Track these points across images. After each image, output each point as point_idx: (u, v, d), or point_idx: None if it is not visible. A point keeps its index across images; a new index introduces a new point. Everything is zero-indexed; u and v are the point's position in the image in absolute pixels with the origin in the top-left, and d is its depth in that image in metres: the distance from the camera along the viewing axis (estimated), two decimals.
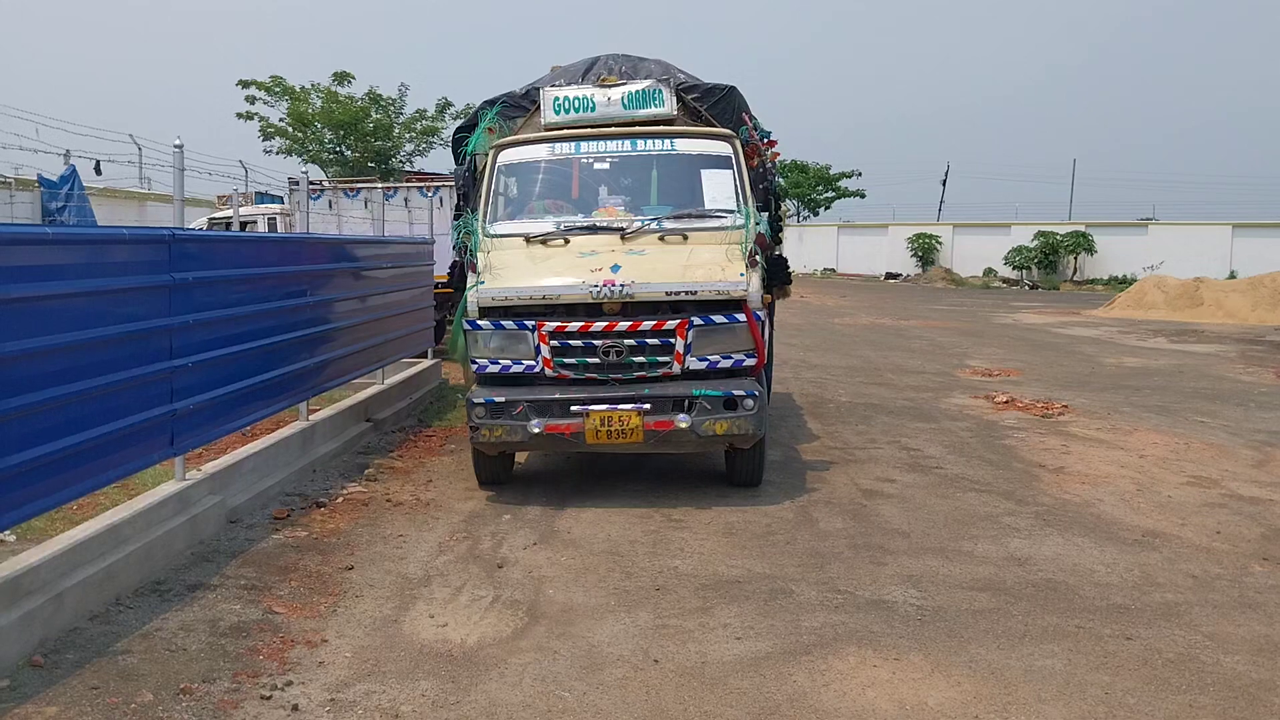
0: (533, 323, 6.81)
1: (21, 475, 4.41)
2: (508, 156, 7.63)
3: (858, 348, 17.35)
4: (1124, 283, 35.95)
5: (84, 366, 4.88)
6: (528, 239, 7.22)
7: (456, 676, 4.35)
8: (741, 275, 6.84)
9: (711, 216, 7.30)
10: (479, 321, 6.95)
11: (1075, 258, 41.84)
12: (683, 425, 6.63)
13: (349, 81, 32.85)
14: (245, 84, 32.31)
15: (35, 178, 21.71)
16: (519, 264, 7.06)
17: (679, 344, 6.75)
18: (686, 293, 6.77)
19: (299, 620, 4.93)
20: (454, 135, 8.48)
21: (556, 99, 7.74)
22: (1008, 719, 3.99)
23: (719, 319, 6.80)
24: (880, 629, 4.88)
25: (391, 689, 4.22)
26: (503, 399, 6.75)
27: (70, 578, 4.74)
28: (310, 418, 8.12)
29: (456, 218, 7.85)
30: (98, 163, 25.53)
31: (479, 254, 7.17)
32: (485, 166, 7.69)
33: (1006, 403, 11.40)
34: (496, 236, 7.29)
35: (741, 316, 6.81)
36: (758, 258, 7.07)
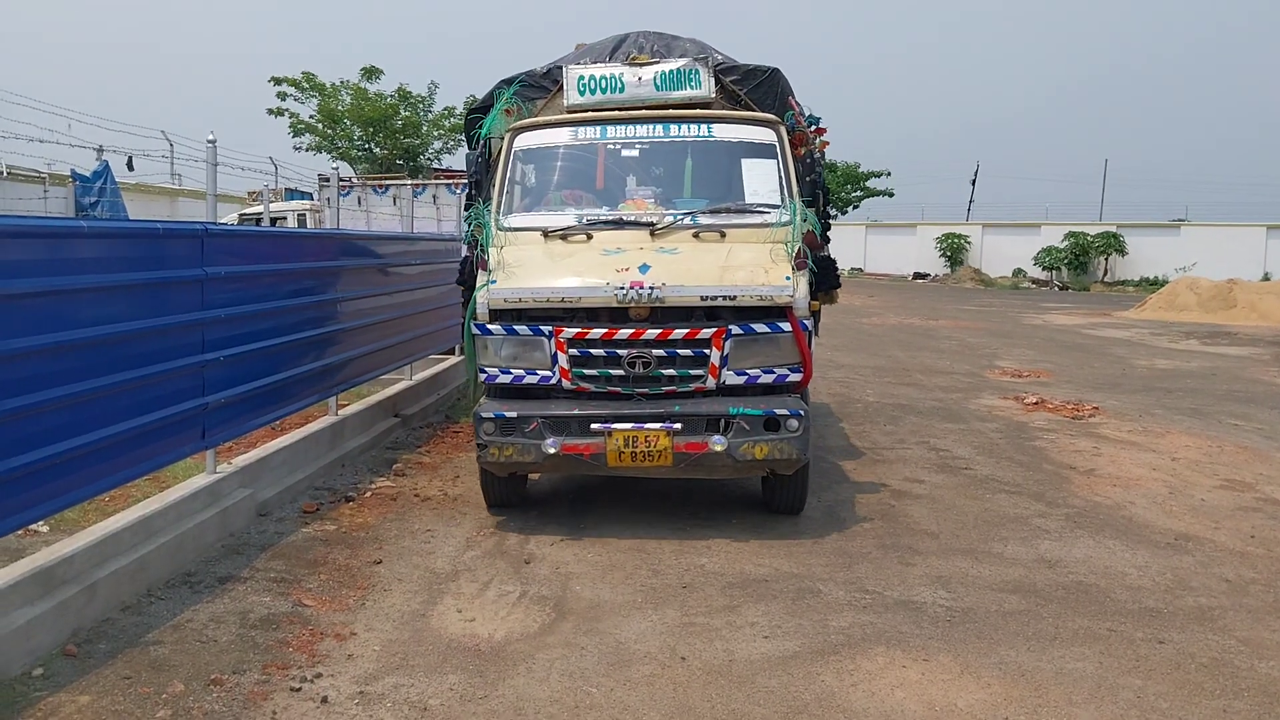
0: (550, 328, 6.10)
1: (56, 467, 4.46)
2: (526, 140, 6.91)
3: (886, 348, 17.27)
4: (1156, 284, 35.60)
5: (118, 359, 4.93)
6: (546, 233, 6.47)
7: (484, 671, 4.36)
8: (787, 279, 6.07)
9: (753, 211, 6.53)
10: (489, 325, 6.24)
11: (1106, 259, 41.48)
12: (718, 448, 5.92)
13: (378, 77, 33.07)
14: (277, 80, 32.61)
15: (69, 172, 21.96)
16: (535, 261, 6.34)
17: (714, 355, 6.02)
18: (724, 298, 6.02)
19: (328, 613, 4.96)
20: (467, 116, 7.74)
21: (581, 78, 6.97)
22: None
23: (761, 328, 6.04)
24: (909, 630, 4.85)
25: (420, 682, 4.24)
26: (514, 414, 6.08)
27: (103, 568, 4.80)
28: (339, 413, 8.16)
29: (467, 208, 7.13)
30: (130, 158, 25.79)
31: (490, 249, 6.45)
32: (500, 151, 6.97)
33: (1036, 404, 11.32)
34: (511, 230, 6.55)
35: (786, 326, 6.05)
36: (805, 259, 6.32)
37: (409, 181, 18.60)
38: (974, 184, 61.29)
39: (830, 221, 7.98)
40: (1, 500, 4.15)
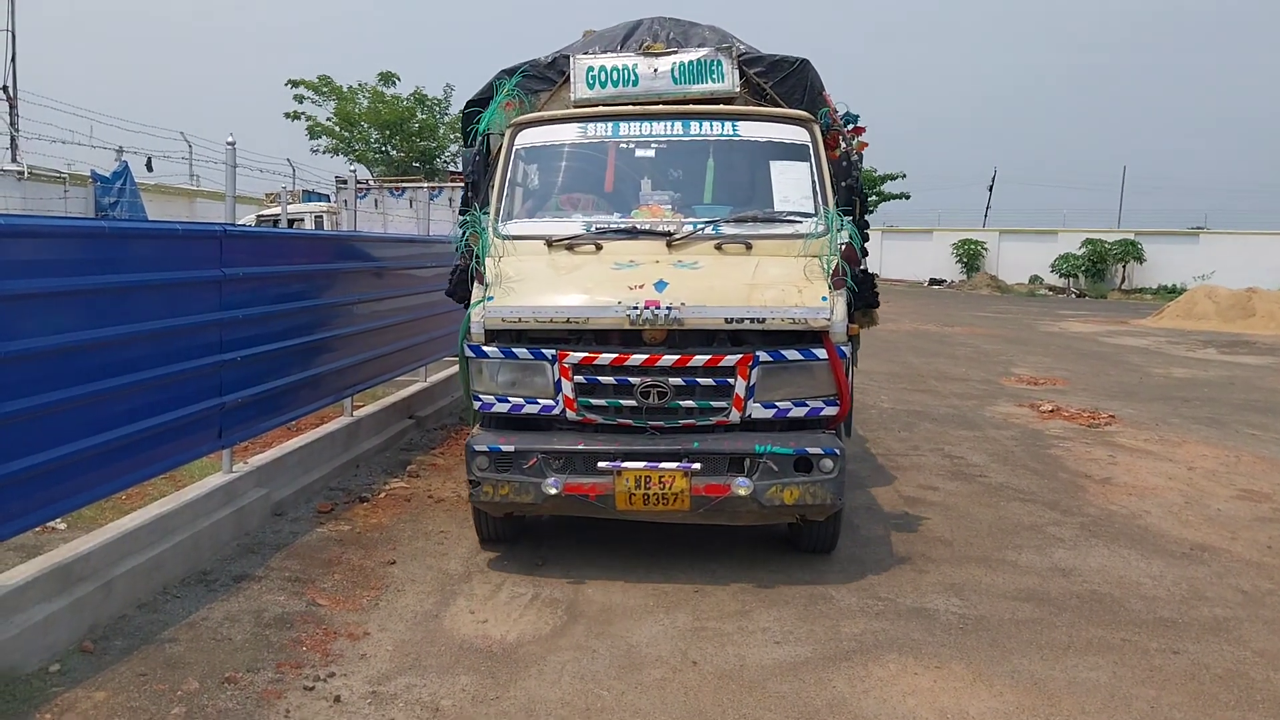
0: (553, 351, 5.42)
1: (74, 464, 4.50)
2: (528, 137, 6.26)
3: (901, 354, 17.23)
4: (1174, 292, 35.44)
5: (136, 359, 4.97)
6: (549, 243, 5.85)
7: (496, 672, 4.37)
8: (824, 299, 5.36)
9: (783, 221, 5.89)
10: (484, 347, 5.57)
11: (1124, 266, 41.37)
12: (742, 492, 5.23)
13: (394, 82, 33.26)
14: (294, 83, 32.85)
15: (89, 173, 22.15)
16: (538, 275, 5.68)
17: (739, 385, 5.33)
18: (752, 320, 5.32)
19: (342, 613, 4.98)
20: (464, 110, 7.02)
21: (591, 69, 6.32)
22: None
23: (793, 355, 5.36)
24: (921, 637, 4.84)
25: (432, 683, 4.25)
26: (511, 448, 5.42)
27: (120, 566, 4.83)
28: (354, 413, 8.20)
29: (462, 212, 6.43)
30: (149, 159, 26.01)
31: (487, 260, 5.78)
32: (500, 149, 6.35)
33: (1052, 412, 11.27)
34: (510, 238, 5.93)
35: (822, 352, 5.36)
36: (844, 276, 5.57)
37: (425, 184, 18.68)
38: (991, 190, 60.96)
39: (868, 232, 7.22)
40: (20, 497, 4.19)
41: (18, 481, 4.15)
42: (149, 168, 26.04)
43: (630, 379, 5.38)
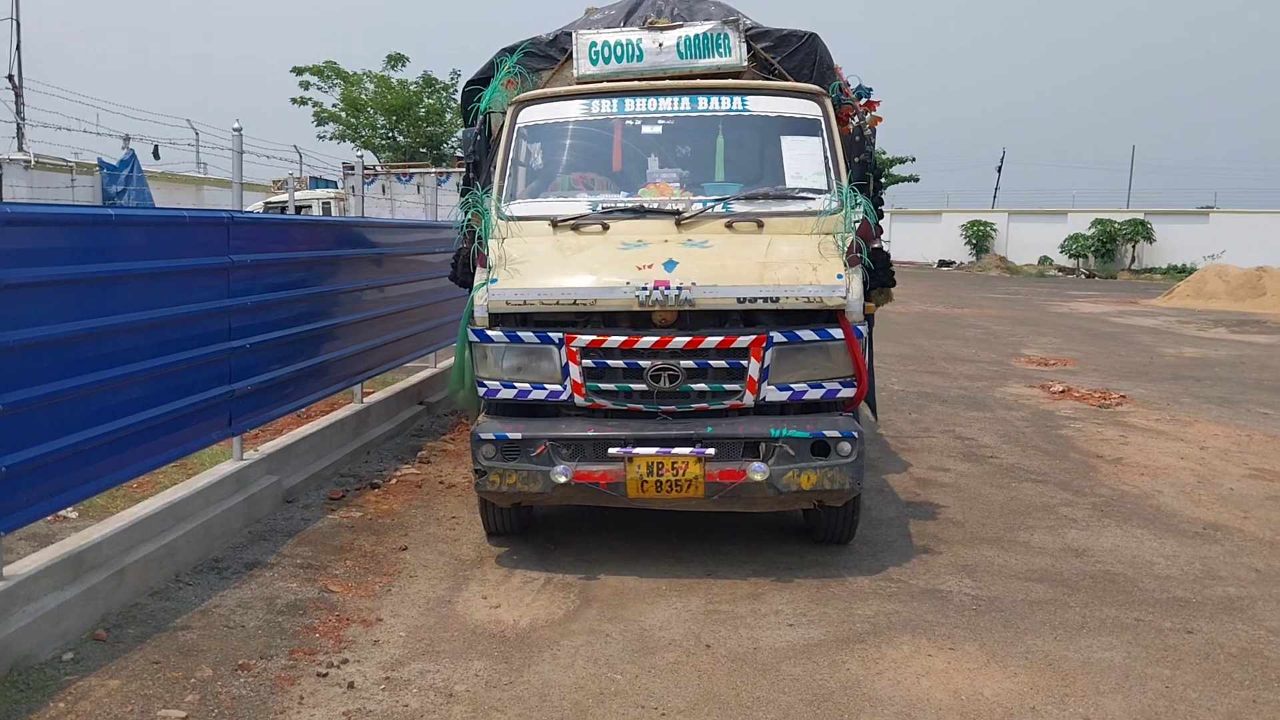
0: (560, 335, 5.25)
1: (85, 453, 4.50)
2: (530, 115, 6.08)
3: (910, 336, 17.18)
4: (1183, 272, 35.30)
5: (146, 347, 4.97)
6: (554, 223, 5.68)
7: (509, 657, 4.38)
8: (839, 277, 5.21)
9: (796, 198, 5.73)
10: (489, 332, 5.37)
11: (1133, 246, 41.20)
12: (758, 477, 5.09)
13: (403, 64, 33.17)
14: (299, 70, 32.79)
15: (96, 161, 22.16)
16: (543, 256, 5.52)
17: (753, 367, 5.18)
18: (765, 299, 5.16)
19: (354, 599, 4.98)
20: (464, 89, 6.83)
21: (594, 45, 6.16)
22: (1065, 711, 3.94)
23: (808, 335, 5.21)
24: (934, 618, 4.83)
25: (445, 668, 4.26)
26: (519, 436, 5.26)
27: (132, 554, 4.84)
28: (364, 400, 8.20)
29: (463, 193, 6.23)
30: (156, 147, 26.05)
31: (490, 242, 5.59)
32: (502, 128, 6.19)
33: (1063, 392, 11.24)
34: (514, 219, 5.75)
35: (838, 332, 5.21)
36: (860, 253, 5.41)
37: (433, 169, 18.65)
38: (1000, 170, 60.77)
39: (883, 209, 6.88)
40: (32, 486, 4.19)
41: (29, 469, 4.15)
42: (156, 155, 26.09)
43: (640, 362, 5.22)
